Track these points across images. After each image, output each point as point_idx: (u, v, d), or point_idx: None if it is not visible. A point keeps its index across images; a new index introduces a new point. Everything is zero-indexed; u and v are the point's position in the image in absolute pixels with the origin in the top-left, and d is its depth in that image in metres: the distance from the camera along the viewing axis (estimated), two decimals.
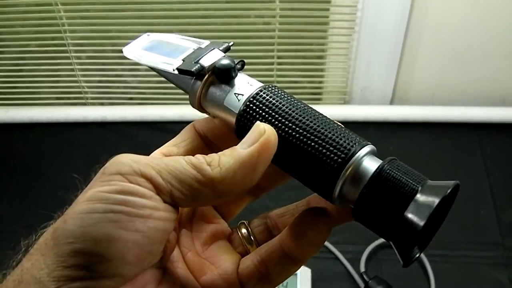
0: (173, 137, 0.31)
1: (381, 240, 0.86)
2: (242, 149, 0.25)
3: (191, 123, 0.31)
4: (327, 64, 1.13)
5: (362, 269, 0.82)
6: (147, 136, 1.07)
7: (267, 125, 0.26)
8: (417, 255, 0.25)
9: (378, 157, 0.26)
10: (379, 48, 1.05)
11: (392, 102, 1.15)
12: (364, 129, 1.05)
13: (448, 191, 0.23)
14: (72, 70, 1.13)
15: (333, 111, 1.08)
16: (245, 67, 0.30)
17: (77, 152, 1.08)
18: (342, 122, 0.27)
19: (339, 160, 0.24)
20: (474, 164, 1.00)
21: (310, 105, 0.28)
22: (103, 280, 0.22)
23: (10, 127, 1.12)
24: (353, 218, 0.27)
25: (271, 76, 1.11)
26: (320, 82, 1.17)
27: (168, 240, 0.27)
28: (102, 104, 1.19)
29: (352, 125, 0.35)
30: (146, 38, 0.32)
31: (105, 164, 0.24)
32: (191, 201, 0.24)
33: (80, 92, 1.17)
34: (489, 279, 0.83)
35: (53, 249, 0.22)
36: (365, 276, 0.80)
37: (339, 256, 0.85)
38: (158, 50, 0.31)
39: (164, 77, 0.31)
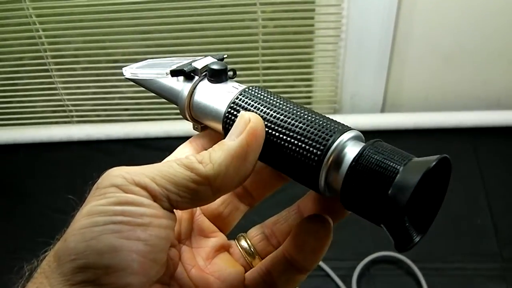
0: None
1: (374, 255, 0.83)
2: (231, 141, 0.25)
3: (188, 140, 0.31)
4: (315, 73, 1.11)
5: (354, 286, 0.79)
6: (133, 153, 1.05)
7: (252, 113, 0.26)
8: (417, 241, 0.25)
9: (364, 141, 0.26)
10: (367, 55, 1.03)
11: (383, 109, 1.12)
12: None
13: (431, 165, 0.23)
14: (55, 89, 1.11)
15: None
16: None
17: (62, 172, 1.06)
18: None
19: (318, 152, 0.25)
20: (469, 170, 0.97)
21: None
22: None
23: None
24: (343, 215, 0.28)
25: None
26: (309, 91, 1.15)
27: (171, 257, 0.28)
28: (88, 121, 1.17)
29: None
30: (144, 61, 0.34)
31: (97, 180, 0.24)
32: (190, 202, 0.24)
33: (64, 111, 1.15)
34: None
35: (57, 269, 0.22)
36: None
37: (330, 273, 0.82)
38: (153, 66, 0.33)
39: (154, 92, 0.32)
